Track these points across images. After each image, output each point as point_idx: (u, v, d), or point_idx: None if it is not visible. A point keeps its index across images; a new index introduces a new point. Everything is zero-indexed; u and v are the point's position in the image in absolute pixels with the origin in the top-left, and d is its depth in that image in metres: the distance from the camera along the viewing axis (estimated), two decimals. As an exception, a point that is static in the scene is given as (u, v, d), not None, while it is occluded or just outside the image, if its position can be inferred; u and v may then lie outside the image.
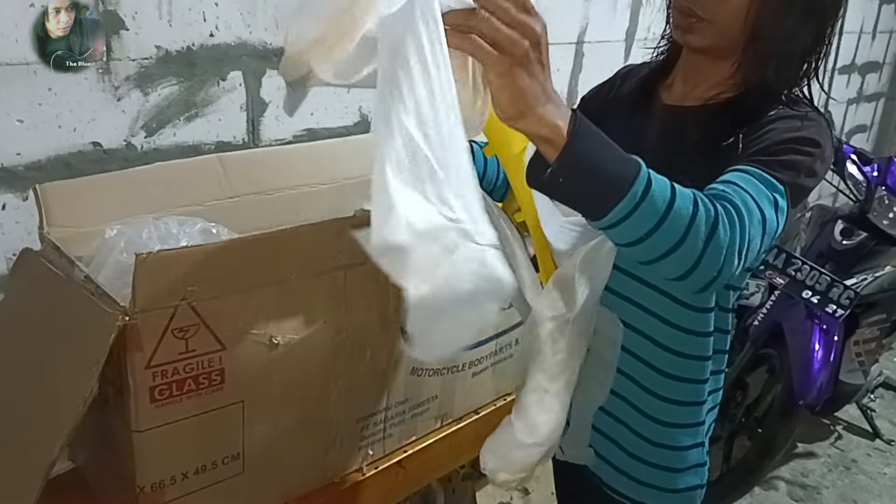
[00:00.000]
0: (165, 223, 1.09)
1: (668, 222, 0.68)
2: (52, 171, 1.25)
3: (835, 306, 2.17)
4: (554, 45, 2.19)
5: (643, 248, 0.70)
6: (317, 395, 1.11)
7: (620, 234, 0.70)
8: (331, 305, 1.06)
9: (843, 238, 2.51)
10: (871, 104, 4.56)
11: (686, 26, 0.90)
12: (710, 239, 0.70)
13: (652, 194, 0.68)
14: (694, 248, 0.69)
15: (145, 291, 0.87)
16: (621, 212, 0.68)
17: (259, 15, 1.46)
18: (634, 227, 0.69)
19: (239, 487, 1.05)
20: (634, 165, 0.69)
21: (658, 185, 0.69)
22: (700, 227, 0.69)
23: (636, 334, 0.98)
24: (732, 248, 0.72)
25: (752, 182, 0.78)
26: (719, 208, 0.72)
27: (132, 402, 0.91)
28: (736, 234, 0.72)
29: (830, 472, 2.58)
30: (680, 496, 1.03)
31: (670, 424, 1.00)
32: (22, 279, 1.08)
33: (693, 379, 0.99)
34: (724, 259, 0.71)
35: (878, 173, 2.47)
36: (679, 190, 0.70)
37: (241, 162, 1.30)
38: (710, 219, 0.70)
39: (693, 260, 0.70)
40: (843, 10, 0.93)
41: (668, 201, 0.69)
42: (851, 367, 2.40)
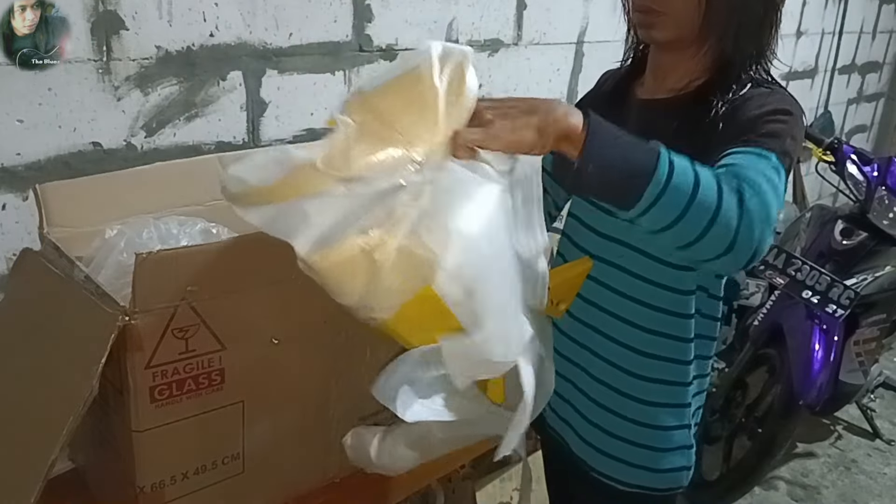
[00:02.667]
0: (165, 223, 1.09)
1: (699, 197, 0.70)
2: (52, 171, 1.25)
3: (835, 306, 2.17)
4: (554, 45, 2.20)
5: (681, 229, 0.72)
6: (317, 394, 1.11)
7: (656, 219, 0.72)
8: (331, 305, 1.06)
9: (843, 238, 2.50)
10: (871, 104, 4.56)
11: (648, 23, 0.95)
12: (742, 208, 0.72)
13: (677, 171, 0.70)
14: (730, 218, 0.71)
15: (145, 291, 0.87)
16: (651, 194, 0.70)
17: (259, 15, 1.46)
18: (668, 208, 0.71)
19: (239, 487, 1.05)
20: (655, 149, 0.72)
21: (681, 163, 0.72)
22: (730, 198, 0.71)
23: (614, 318, 1.01)
24: (763, 215, 0.73)
25: (749, 157, 0.81)
26: (737, 180, 0.74)
27: (132, 402, 0.91)
28: (761, 200, 0.73)
29: (830, 472, 2.58)
30: (666, 476, 1.05)
31: (652, 403, 1.02)
32: (22, 279, 1.08)
33: (673, 359, 1.01)
34: (761, 226, 0.73)
35: (878, 173, 2.47)
36: (699, 165, 0.73)
37: (241, 162, 1.30)
38: (734, 190, 0.72)
39: (732, 231, 0.71)
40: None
41: (693, 177, 0.71)
42: (851, 367, 2.39)
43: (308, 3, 1.54)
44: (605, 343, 1.03)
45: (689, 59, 0.96)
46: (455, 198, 0.69)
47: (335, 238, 0.69)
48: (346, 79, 1.66)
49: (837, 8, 3.58)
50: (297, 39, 1.54)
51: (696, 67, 0.96)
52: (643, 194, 0.71)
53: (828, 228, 2.51)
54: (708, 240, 0.72)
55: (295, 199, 0.68)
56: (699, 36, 0.93)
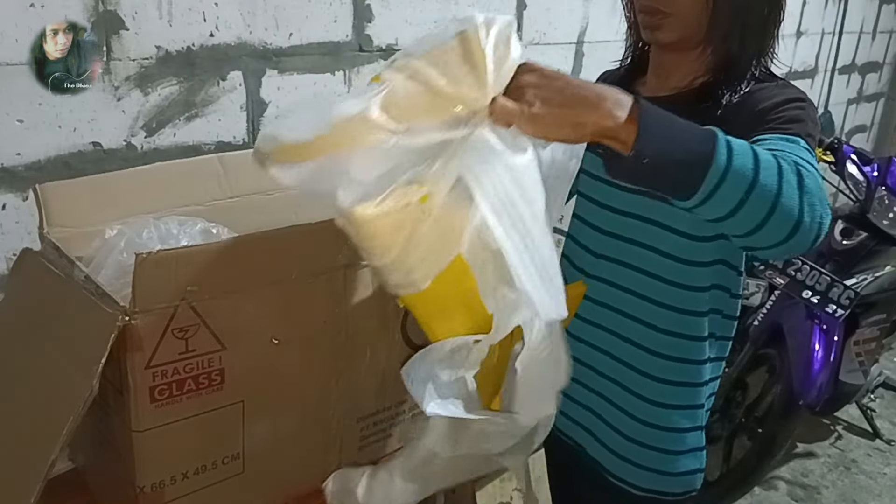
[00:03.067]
0: (165, 223, 1.09)
1: (760, 181, 0.68)
2: (52, 171, 1.25)
3: (835, 306, 2.17)
4: (554, 45, 2.20)
5: (743, 215, 0.69)
6: (317, 395, 1.11)
7: (717, 206, 0.69)
8: (331, 305, 1.06)
9: (843, 238, 2.50)
10: (871, 104, 4.56)
11: (654, 25, 0.94)
12: (802, 188, 0.69)
13: (736, 155, 0.68)
14: (792, 200, 0.68)
15: (145, 291, 0.87)
16: (711, 183, 0.67)
17: (259, 15, 1.46)
18: (728, 195, 0.68)
19: (239, 487, 1.05)
20: (711, 134, 0.69)
21: (739, 147, 0.69)
22: (791, 178, 0.69)
23: (627, 318, 1.00)
24: (821, 194, 0.71)
25: (781, 142, 0.79)
26: (791, 160, 0.71)
27: (132, 402, 0.91)
28: (815, 180, 0.71)
29: (830, 472, 2.58)
30: (679, 479, 1.04)
31: (667, 405, 1.01)
32: (22, 279, 1.08)
33: (689, 359, 1.00)
34: (821, 204, 0.71)
35: (878, 173, 2.47)
36: (756, 147, 0.70)
37: (241, 162, 1.30)
38: (793, 170, 0.70)
39: (795, 213, 0.69)
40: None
41: (753, 160, 0.68)
42: (851, 367, 2.40)
43: (308, 3, 1.54)
44: (619, 343, 1.02)
45: (692, 58, 0.96)
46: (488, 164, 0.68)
47: (381, 190, 0.67)
48: (346, 79, 1.66)
49: (837, 8, 3.58)
50: (297, 39, 1.54)
51: (699, 66, 0.96)
52: (702, 184, 0.67)
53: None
54: (772, 222, 0.69)
55: (337, 152, 0.66)
56: (704, 36, 0.93)
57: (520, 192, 0.67)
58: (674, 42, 0.95)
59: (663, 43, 0.96)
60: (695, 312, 0.98)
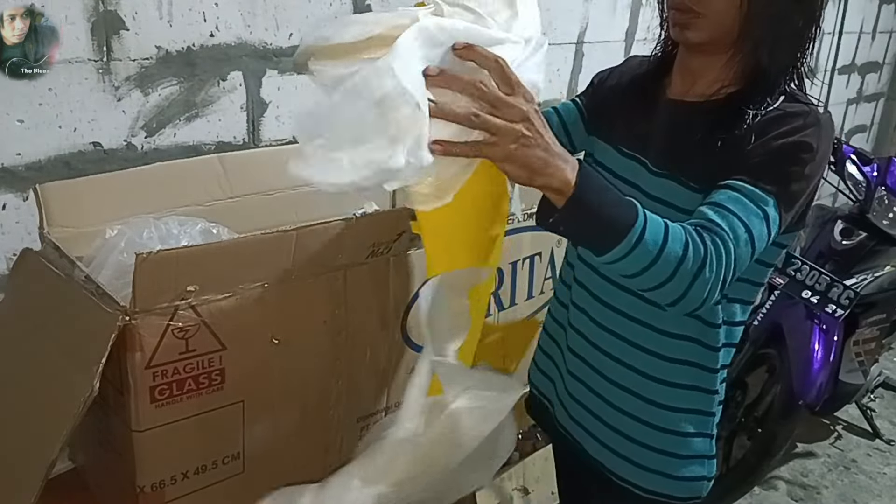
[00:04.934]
0: (166, 223, 1.09)
1: (659, 263, 0.77)
2: (53, 172, 1.25)
3: (834, 306, 2.17)
4: (554, 45, 2.20)
5: (638, 280, 0.80)
6: (317, 394, 1.11)
7: (619, 269, 0.80)
8: (331, 305, 1.07)
9: (843, 238, 2.50)
10: (871, 104, 4.56)
11: (683, 23, 0.92)
12: (697, 277, 0.78)
13: (646, 239, 0.76)
14: (681, 285, 0.78)
15: (145, 291, 0.87)
16: (619, 252, 0.76)
17: (259, 15, 1.46)
18: (630, 265, 0.77)
19: (239, 487, 1.05)
20: (633, 211, 0.77)
21: (652, 230, 0.77)
22: (687, 268, 0.78)
23: (634, 323, 0.99)
24: (716, 283, 0.80)
25: (741, 201, 0.83)
26: (709, 246, 0.79)
27: (132, 402, 0.91)
28: (722, 268, 0.80)
29: (830, 472, 2.58)
30: (684, 484, 1.03)
31: (675, 409, 1.00)
32: (22, 279, 1.08)
33: (702, 365, 0.99)
34: (708, 293, 0.80)
35: (878, 173, 2.47)
36: (672, 232, 0.78)
37: (242, 162, 1.30)
38: (697, 259, 0.78)
39: (679, 293, 0.79)
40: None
41: (660, 245, 0.77)
42: (851, 367, 2.39)
43: (308, 3, 1.54)
44: (626, 348, 1.00)
45: (719, 64, 0.94)
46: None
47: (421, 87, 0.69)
48: (346, 79, 1.66)
49: (837, 8, 3.58)
50: (297, 39, 1.54)
51: (726, 74, 0.93)
52: (616, 247, 0.76)
53: (827, 228, 2.51)
54: (660, 293, 0.80)
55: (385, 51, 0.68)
56: (734, 43, 0.91)
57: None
58: (702, 43, 0.92)
59: (692, 43, 0.94)
60: (709, 323, 0.97)
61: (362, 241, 1.06)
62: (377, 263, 1.11)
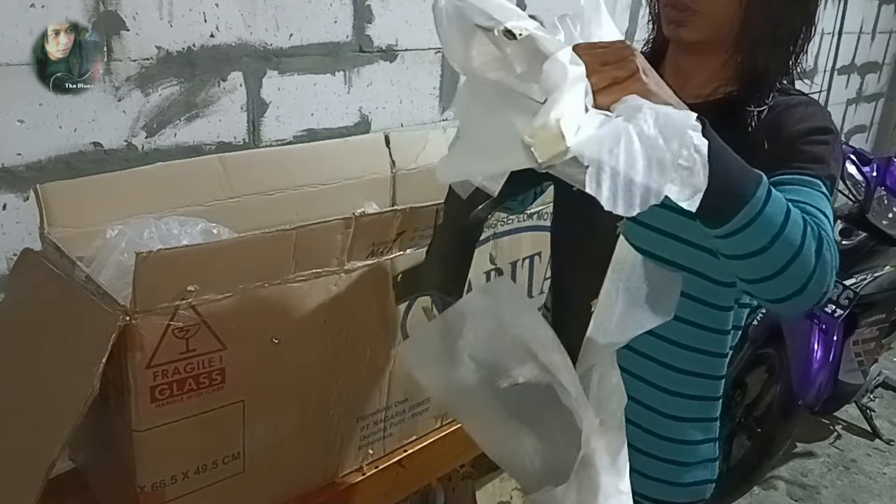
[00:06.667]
0: (166, 223, 1.10)
1: (785, 234, 0.70)
2: (53, 172, 1.25)
3: (834, 306, 2.17)
4: (554, 46, 2.20)
5: (759, 262, 0.71)
6: (317, 394, 1.11)
7: (740, 244, 0.71)
8: (331, 305, 1.07)
9: (843, 238, 2.50)
10: (871, 104, 4.56)
11: (678, 20, 0.90)
12: (819, 255, 0.71)
13: (772, 202, 0.69)
14: (807, 263, 0.70)
15: (146, 291, 0.87)
16: (742, 220, 0.69)
17: (259, 15, 1.47)
18: (755, 236, 0.70)
19: (239, 487, 1.05)
20: (757, 175, 0.71)
21: (777, 195, 0.70)
22: (811, 242, 0.71)
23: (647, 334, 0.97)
24: (833, 263, 0.73)
25: (798, 190, 0.79)
26: (814, 226, 0.72)
27: (133, 402, 0.91)
28: (831, 248, 0.73)
29: (830, 472, 2.58)
30: (688, 490, 1.03)
31: (682, 419, 1.00)
32: (22, 279, 1.08)
33: (710, 375, 0.99)
34: (832, 273, 0.72)
35: (878, 173, 2.47)
36: (791, 208, 0.71)
37: (242, 162, 1.30)
38: (815, 234, 0.71)
39: (806, 276, 0.71)
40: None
41: (785, 213, 0.70)
42: (851, 367, 2.40)
43: (308, 4, 1.54)
44: (639, 360, 0.98)
45: (713, 64, 0.93)
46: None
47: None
48: (346, 79, 1.66)
49: (837, 8, 3.58)
50: (297, 40, 1.54)
51: (721, 74, 0.93)
52: (736, 216, 0.69)
53: (827, 228, 2.51)
54: (784, 278, 0.71)
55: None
56: (730, 43, 0.90)
57: None
58: (697, 42, 0.91)
59: (686, 41, 0.92)
60: (720, 330, 0.96)
61: (362, 241, 1.06)
62: (377, 263, 1.11)
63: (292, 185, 1.33)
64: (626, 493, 0.83)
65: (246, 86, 1.49)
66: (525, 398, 0.86)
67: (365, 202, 1.30)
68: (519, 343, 0.83)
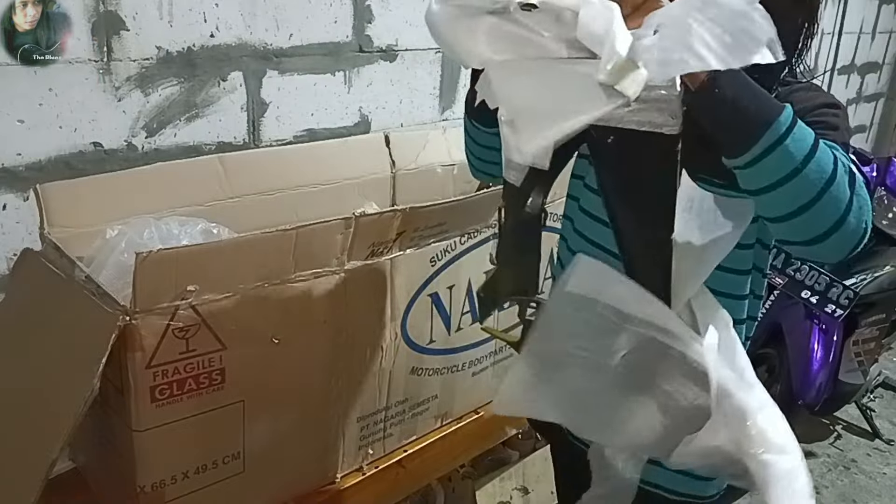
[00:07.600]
0: (166, 223, 1.10)
1: (813, 163, 0.66)
2: (53, 172, 1.25)
3: (834, 306, 2.17)
4: (553, 46, 2.20)
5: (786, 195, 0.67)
6: (317, 394, 1.11)
7: (763, 174, 0.68)
8: (331, 305, 1.07)
9: (843, 238, 2.49)
10: (871, 104, 4.56)
11: None
12: (854, 188, 0.67)
13: (798, 130, 0.66)
14: (841, 195, 0.67)
15: (146, 291, 0.87)
16: (767, 141, 0.66)
17: (259, 15, 1.47)
18: (779, 163, 0.67)
19: (239, 486, 1.05)
20: (781, 103, 0.69)
21: (802, 126, 0.67)
22: (844, 175, 0.67)
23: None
24: (868, 203, 0.69)
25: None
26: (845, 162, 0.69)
27: (132, 402, 0.91)
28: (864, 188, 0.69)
29: (830, 472, 2.58)
30: (712, 483, 1.01)
31: None
32: (22, 279, 1.08)
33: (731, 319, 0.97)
34: (868, 210, 0.69)
35: (878, 173, 2.47)
36: (821, 141, 0.68)
37: (242, 162, 1.30)
38: (846, 170, 0.68)
39: (842, 209, 0.67)
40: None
41: (812, 142, 0.67)
42: (851, 367, 2.40)
43: (308, 4, 1.54)
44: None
45: None
46: None
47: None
48: (346, 79, 1.66)
49: (837, 8, 3.58)
50: (297, 40, 1.54)
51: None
52: (759, 140, 0.66)
53: (827, 228, 2.51)
54: (818, 209, 0.67)
55: None
56: None
57: None
58: None
59: None
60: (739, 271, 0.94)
61: (362, 241, 1.06)
62: (377, 263, 1.11)
63: (292, 185, 1.33)
64: (767, 403, 0.80)
65: (246, 86, 1.49)
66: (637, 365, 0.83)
67: (365, 202, 1.30)
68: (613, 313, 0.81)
